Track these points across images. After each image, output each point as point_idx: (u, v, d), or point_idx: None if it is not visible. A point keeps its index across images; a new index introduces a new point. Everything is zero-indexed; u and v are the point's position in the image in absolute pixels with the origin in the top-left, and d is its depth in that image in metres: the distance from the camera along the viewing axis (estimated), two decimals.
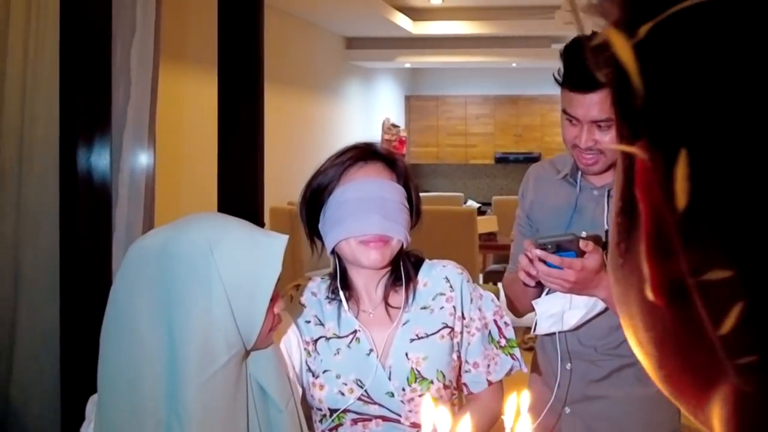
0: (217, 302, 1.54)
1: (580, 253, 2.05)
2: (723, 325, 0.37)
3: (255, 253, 1.60)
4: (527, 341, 6.91)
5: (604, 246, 2.14)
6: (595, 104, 2.10)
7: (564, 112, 2.19)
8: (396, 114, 12.96)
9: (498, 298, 2.21)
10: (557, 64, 2.21)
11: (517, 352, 2.10)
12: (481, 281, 8.00)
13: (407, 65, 12.23)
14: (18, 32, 2.86)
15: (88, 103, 2.67)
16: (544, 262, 2.06)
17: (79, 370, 2.54)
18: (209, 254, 1.55)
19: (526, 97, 13.14)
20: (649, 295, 0.42)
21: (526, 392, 1.47)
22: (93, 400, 1.68)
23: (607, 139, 2.15)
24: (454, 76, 13.37)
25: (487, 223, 8.64)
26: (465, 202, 11.73)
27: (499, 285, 7.97)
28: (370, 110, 11.79)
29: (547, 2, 9.09)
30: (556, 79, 2.20)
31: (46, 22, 2.81)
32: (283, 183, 7.33)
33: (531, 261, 2.09)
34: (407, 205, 2.04)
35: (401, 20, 9.62)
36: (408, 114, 13.55)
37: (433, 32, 10.29)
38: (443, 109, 13.50)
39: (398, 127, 12.61)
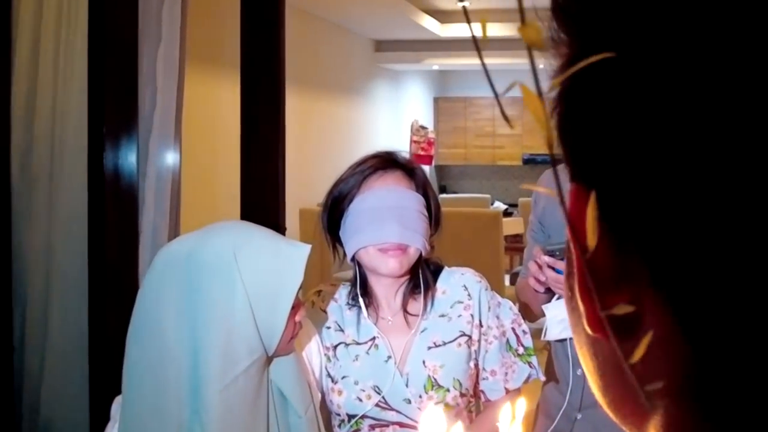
0: (240, 309, 1.58)
1: None
2: (633, 355, 0.40)
3: (277, 262, 1.64)
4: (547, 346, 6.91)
5: None
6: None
7: None
8: (424, 116, 12.99)
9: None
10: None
11: (534, 360, 2.12)
12: (506, 283, 8.00)
13: (435, 67, 12.25)
14: (48, 40, 2.92)
15: (115, 109, 2.72)
16: (553, 268, 2.08)
17: (107, 371, 2.59)
18: (233, 262, 1.59)
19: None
20: (587, 328, 0.44)
21: (522, 400, 1.49)
22: (118, 400, 1.72)
23: None
24: (481, 78, 13.36)
25: (513, 225, 8.65)
26: (492, 204, 11.73)
27: None
28: (398, 112, 11.83)
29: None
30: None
31: (76, 31, 2.87)
32: (313, 185, 7.38)
33: (540, 267, 2.12)
34: (426, 214, 2.06)
35: (429, 23, 9.64)
36: (436, 115, 13.56)
37: (460, 34, 10.30)
38: (471, 110, 13.50)
39: (426, 128, 12.63)
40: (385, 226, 1.99)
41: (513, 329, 2.12)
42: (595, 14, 0.42)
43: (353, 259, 2.08)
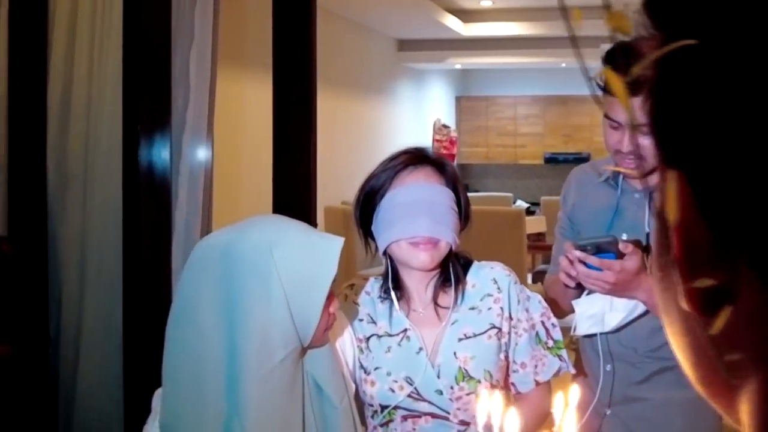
0: (276, 301, 1.62)
1: (620, 255, 2.08)
2: (712, 327, 0.43)
3: (312, 255, 1.67)
4: (575, 342, 6.92)
5: (645, 249, 2.17)
6: (638, 108, 2.12)
7: (606, 116, 2.21)
8: (446, 115, 13.00)
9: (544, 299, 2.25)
10: None
11: (564, 353, 2.14)
12: (529, 281, 8.01)
13: (458, 66, 12.26)
14: (83, 42, 2.98)
15: (149, 108, 2.78)
16: (584, 263, 2.11)
17: (141, 363, 2.65)
18: (269, 255, 1.63)
19: (575, 97, 13.08)
20: (683, 305, 0.47)
21: (575, 386, 1.51)
22: (158, 393, 1.76)
23: (649, 143, 2.16)
24: (503, 77, 13.38)
25: (535, 224, 8.65)
26: (514, 202, 11.73)
27: None
28: (421, 111, 11.86)
29: (597, 2, 9.06)
30: (598, 84, 2.22)
31: (110, 31, 2.93)
32: (336, 183, 7.43)
33: (571, 262, 2.14)
34: (456, 209, 2.09)
35: (452, 22, 9.67)
36: (458, 114, 13.58)
37: (483, 33, 10.32)
38: (493, 109, 13.51)
39: (449, 127, 12.65)
40: (417, 220, 2.02)
41: (542, 322, 2.15)
42: (682, 8, 0.45)
43: (385, 252, 2.12)
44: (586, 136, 13.20)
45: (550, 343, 2.14)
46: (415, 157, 2.11)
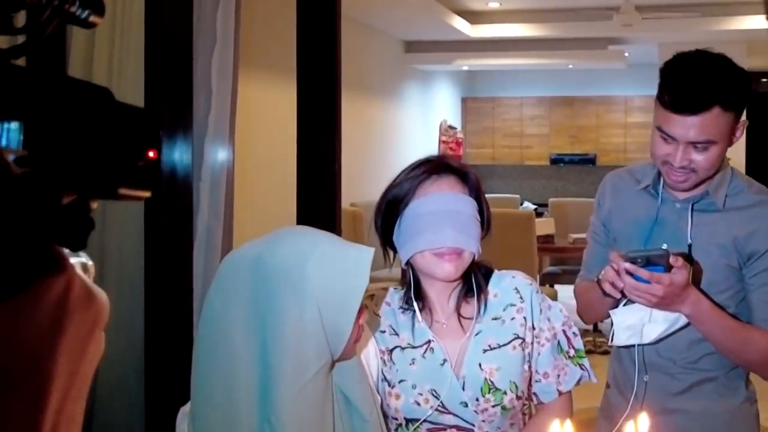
0: (309, 314, 1.60)
1: (668, 269, 2.07)
2: None
3: (344, 266, 1.65)
4: (599, 345, 6.89)
5: (691, 262, 2.16)
6: (695, 126, 2.10)
7: (659, 129, 2.18)
8: (452, 116, 13.00)
9: (556, 300, 2.24)
10: (614, 66, 2.22)
11: (586, 362, 2.13)
12: (537, 283, 8.01)
13: (464, 68, 12.26)
14: (103, 46, 2.98)
15: (171, 113, 2.77)
16: (632, 275, 2.09)
17: (163, 373, 2.63)
18: (303, 266, 1.61)
19: (581, 98, 13.09)
20: None
21: (568, 423, 1.49)
22: (184, 411, 1.73)
23: (701, 159, 2.15)
24: (509, 78, 13.37)
25: (544, 226, 8.64)
26: (521, 204, 11.72)
27: (557, 287, 7.93)
28: (427, 112, 11.85)
29: (604, 3, 9.06)
30: (658, 98, 2.17)
31: (130, 35, 2.92)
32: (344, 185, 7.40)
33: (618, 273, 2.12)
34: (479, 218, 2.08)
35: (459, 24, 9.66)
36: (464, 115, 13.57)
37: (490, 35, 10.31)
38: (499, 110, 13.50)
39: (455, 128, 12.64)
40: (442, 230, 2.01)
41: (564, 331, 2.13)
42: None
43: (407, 263, 2.10)
44: (591, 137, 13.19)
45: (572, 352, 2.13)
46: (438, 166, 2.10)
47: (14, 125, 0.75)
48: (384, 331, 2.11)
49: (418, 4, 8.47)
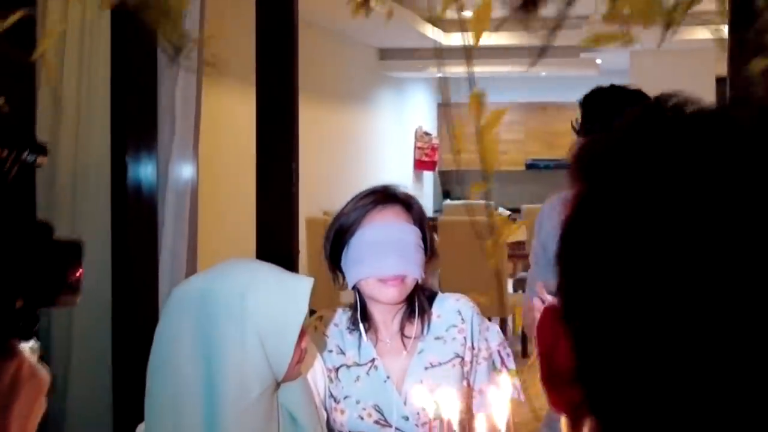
0: (251, 343, 1.75)
1: None
2: None
3: (283, 296, 1.80)
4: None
5: None
6: None
7: None
8: (428, 122, 13.12)
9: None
10: (585, 73, 2.36)
11: (516, 381, 2.27)
12: (510, 289, 8.17)
13: (439, 75, 12.36)
14: (72, 69, 3.10)
15: (135, 133, 2.92)
16: None
17: (130, 387, 2.75)
18: (243, 298, 1.76)
19: (555, 104, 13.24)
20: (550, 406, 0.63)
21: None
22: (140, 429, 1.89)
23: None
24: (484, 85, 13.44)
25: (516, 232, 8.76)
26: (496, 210, 11.84)
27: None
28: (402, 119, 11.97)
29: (575, 13, 9.19)
30: (573, 128, 2.31)
31: (97, 71, 3.06)
32: (318, 193, 7.52)
33: (543, 302, 2.26)
34: (422, 245, 2.24)
35: (433, 32, 9.78)
36: (440, 122, 13.69)
37: (463, 43, 10.42)
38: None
39: (430, 134, 12.78)
40: (386, 258, 2.16)
41: (498, 351, 2.30)
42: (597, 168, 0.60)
43: (354, 287, 2.26)
44: (566, 143, 13.08)
45: (504, 371, 2.28)
46: (384, 196, 2.25)
47: None
48: (331, 351, 2.26)
49: (392, 13, 8.57)
